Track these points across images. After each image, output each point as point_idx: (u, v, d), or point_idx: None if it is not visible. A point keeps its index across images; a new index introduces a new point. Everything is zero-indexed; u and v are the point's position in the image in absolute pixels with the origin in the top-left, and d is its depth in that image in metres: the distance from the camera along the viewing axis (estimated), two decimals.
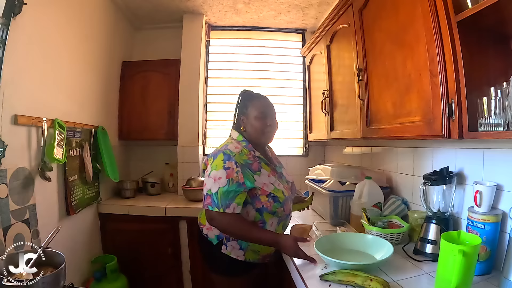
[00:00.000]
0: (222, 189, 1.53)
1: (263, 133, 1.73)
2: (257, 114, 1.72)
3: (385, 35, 1.69)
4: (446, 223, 1.55)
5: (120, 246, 2.89)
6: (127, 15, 3.42)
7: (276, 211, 1.65)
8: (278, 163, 1.94)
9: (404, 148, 2.11)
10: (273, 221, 1.69)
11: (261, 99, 1.81)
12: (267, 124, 1.72)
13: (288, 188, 1.78)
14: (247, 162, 1.64)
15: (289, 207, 1.76)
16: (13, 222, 1.76)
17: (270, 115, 1.75)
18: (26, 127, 1.92)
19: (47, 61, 2.12)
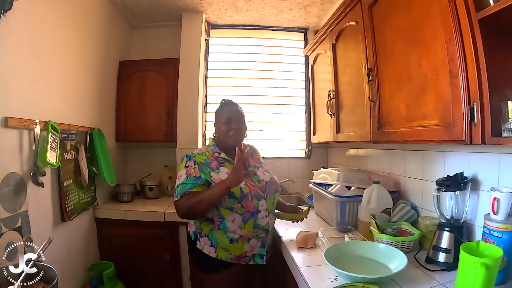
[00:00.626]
0: (181, 183, 1.74)
1: (228, 136, 1.86)
2: (223, 120, 1.88)
3: (398, 33, 1.61)
4: (460, 231, 1.49)
5: (117, 252, 2.81)
6: (123, 13, 3.33)
7: (232, 207, 1.74)
8: (258, 163, 2.05)
9: (413, 151, 2.04)
10: (234, 217, 1.75)
11: (229, 106, 1.99)
12: (231, 128, 1.85)
13: (257, 187, 1.83)
14: (206, 161, 1.82)
15: (252, 204, 1.76)
16: (4, 231, 1.68)
17: (236, 120, 1.88)
18: (17, 129, 1.83)
19: (39, 60, 2.02)
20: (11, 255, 1.67)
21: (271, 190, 1.90)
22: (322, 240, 1.91)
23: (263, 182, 1.89)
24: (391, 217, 1.95)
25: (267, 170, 2.02)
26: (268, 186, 1.89)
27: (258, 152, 2.15)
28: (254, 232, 1.79)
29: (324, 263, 1.45)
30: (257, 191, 1.80)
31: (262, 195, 1.82)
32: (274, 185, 1.95)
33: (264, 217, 1.80)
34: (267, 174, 1.97)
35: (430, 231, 1.67)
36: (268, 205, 1.84)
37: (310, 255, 1.72)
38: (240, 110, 1.98)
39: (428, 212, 1.86)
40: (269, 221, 1.85)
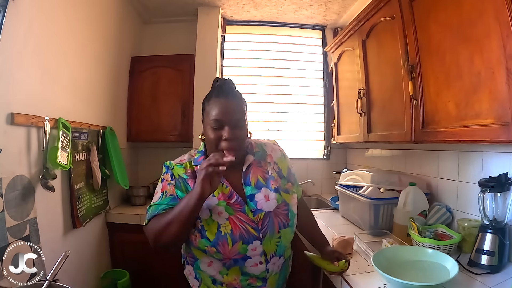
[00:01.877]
0: (154, 203, 1.24)
1: (217, 148, 1.22)
2: (211, 123, 1.22)
3: (444, 29, 1.50)
4: (503, 233, 1.44)
5: (130, 259, 2.69)
6: (136, 7, 3.22)
7: (206, 250, 1.21)
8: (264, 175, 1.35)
9: (447, 152, 1.96)
10: (211, 260, 1.24)
11: (221, 98, 1.25)
12: (223, 136, 1.20)
13: (247, 222, 1.22)
14: (183, 177, 1.28)
15: (234, 250, 1.19)
16: (11, 241, 1.51)
17: (231, 122, 1.22)
18: (25, 127, 1.67)
19: (49, 52, 1.88)
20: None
21: (274, 226, 1.26)
22: (359, 245, 1.82)
23: (260, 214, 1.24)
24: (427, 219, 1.89)
25: (279, 188, 1.33)
26: (270, 221, 1.25)
27: (273, 156, 1.42)
28: (244, 281, 1.25)
29: (370, 270, 1.44)
30: (245, 230, 1.21)
31: (255, 234, 1.21)
32: (283, 217, 1.29)
33: (257, 264, 1.23)
34: (274, 199, 1.29)
35: (469, 233, 1.63)
36: (267, 247, 1.24)
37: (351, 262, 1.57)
38: (240, 104, 1.28)
39: (464, 214, 1.80)
40: (270, 267, 1.27)
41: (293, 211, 1.34)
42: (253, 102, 3.55)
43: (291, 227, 1.32)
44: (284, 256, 1.34)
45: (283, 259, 1.34)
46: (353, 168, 3.31)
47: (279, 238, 1.27)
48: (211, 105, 1.25)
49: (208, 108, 1.26)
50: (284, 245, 1.30)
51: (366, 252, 1.71)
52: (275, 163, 1.40)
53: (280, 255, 1.29)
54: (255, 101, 3.57)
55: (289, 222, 1.30)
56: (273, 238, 1.25)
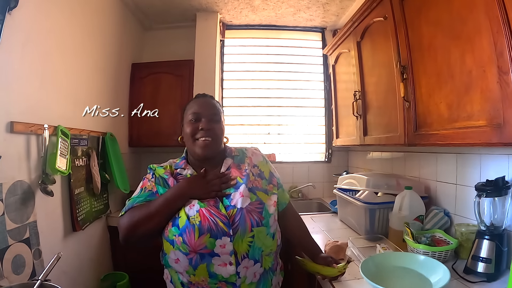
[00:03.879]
0: (132, 197, 1.30)
1: (194, 140, 1.31)
2: (189, 117, 1.34)
3: (435, 27, 1.48)
4: (500, 239, 1.40)
5: (131, 262, 2.70)
6: (136, 14, 3.26)
7: (173, 240, 1.18)
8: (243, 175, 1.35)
9: (445, 154, 1.93)
10: (178, 256, 1.19)
11: (198, 98, 1.42)
12: (199, 128, 1.30)
13: (218, 215, 1.19)
14: (163, 176, 1.34)
15: (199, 242, 1.15)
16: (11, 243, 1.57)
17: (207, 116, 1.32)
18: (24, 135, 1.72)
19: (47, 62, 1.91)
20: (18, 269, 1.59)
21: (246, 223, 1.20)
22: (353, 251, 1.80)
23: (232, 210, 1.22)
24: (424, 224, 1.86)
25: (254, 188, 1.32)
26: (242, 218, 1.20)
27: (253, 159, 1.43)
28: (212, 283, 1.19)
29: (360, 277, 1.35)
30: (214, 224, 1.17)
31: (225, 230, 1.17)
32: (256, 214, 1.24)
33: (226, 265, 1.17)
34: (247, 196, 1.26)
35: (467, 239, 1.59)
36: (238, 246, 1.18)
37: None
38: (216, 104, 1.40)
39: (463, 218, 1.77)
40: (242, 272, 1.19)
41: (268, 210, 1.28)
42: (253, 106, 3.58)
43: (266, 226, 1.24)
44: (262, 264, 1.25)
45: (260, 267, 1.24)
46: (354, 171, 3.31)
47: (252, 238, 1.20)
48: (189, 105, 1.40)
49: (187, 108, 1.40)
50: (258, 247, 1.22)
51: (359, 257, 1.69)
52: (256, 166, 1.41)
53: (254, 259, 1.21)
54: (256, 105, 3.59)
55: (263, 220, 1.23)
56: (245, 237, 1.19)
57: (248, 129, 3.58)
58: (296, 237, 1.57)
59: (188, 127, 1.33)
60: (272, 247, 1.29)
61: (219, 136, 1.35)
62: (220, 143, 1.38)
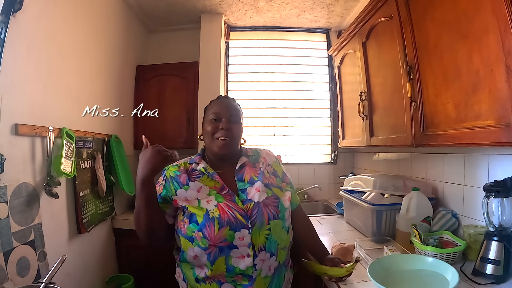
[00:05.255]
0: None
1: (213, 139, 1.36)
2: (210, 117, 1.39)
3: (441, 27, 1.46)
4: (509, 240, 1.37)
5: (136, 265, 2.70)
6: (140, 17, 3.27)
7: (192, 237, 1.22)
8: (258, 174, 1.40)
9: (453, 155, 1.90)
10: (196, 253, 1.22)
11: (219, 99, 1.48)
12: (219, 127, 1.35)
13: (236, 209, 1.25)
14: (176, 174, 1.36)
15: (220, 235, 1.19)
16: (15, 245, 1.56)
17: (227, 117, 1.37)
18: (29, 137, 1.72)
19: (52, 64, 1.92)
20: (23, 271, 1.58)
21: (263, 216, 1.27)
22: (360, 253, 1.78)
23: (250, 204, 1.28)
24: (431, 226, 1.84)
25: (270, 184, 1.39)
26: (259, 211, 1.27)
27: (267, 159, 1.50)
28: (229, 277, 1.24)
29: (368, 279, 1.36)
30: (233, 217, 1.23)
31: (244, 222, 1.22)
32: (273, 208, 1.31)
33: (244, 257, 1.22)
34: (263, 191, 1.33)
35: (475, 240, 1.57)
36: (256, 239, 1.23)
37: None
38: (236, 106, 1.46)
39: (470, 220, 1.74)
40: (259, 264, 1.24)
41: (284, 204, 1.37)
42: (259, 108, 3.57)
43: (282, 219, 1.32)
44: (277, 257, 1.29)
45: (276, 261, 1.29)
46: (360, 172, 3.29)
47: (269, 230, 1.27)
48: (211, 105, 1.46)
49: (209, 108, 1.46)
50: (274, 240, 1.27)
51: (366, 260, 1.67)
52: (270, 165, 1.50)
53: (270, 252, 1.26)
54: (261, 106, 3.58)
55: (279, 213, 1.31)
56: (263, 229, 1.25)
57: (253, 131, 3.56)
58: (305, 237, 1.57)
59: (208, 125, 1.38)
60: (286, 242, 1.36)
61: (237, 137, 1.41)
62: (238, 143, 1.44)
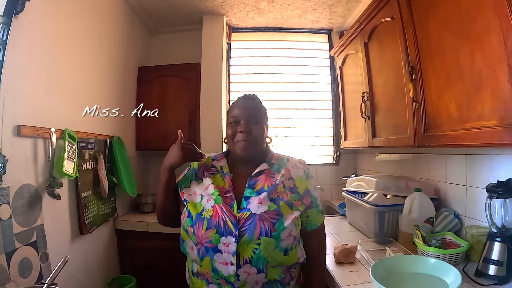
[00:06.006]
0: None
1: (234, 142, 1.37)
2: (230, 120, 1.40)
3: (443, 27, 1.46)
4: None
5: (138, 266, 2.71)
6: (142, 18, 3.27)
7: (187, 230, 1.27)
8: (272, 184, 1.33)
9: (455, 155, 1.90)
10: (192, 245, 1.27)
11: (239, 100, 1.46)
12: (238, 130, 1.35)
13: (229, 215, 1.23)
14: (198, 167, 1.47)
15: (205, 236, 1.21)
16: (18, 246, 1.57)
17: (246, 119, 1.36)
18: (31, 138, 1.73)
19: (54, 66, 1.92)
20: (25, 272, 1.59)
21: (255, 230, 1.20)
22: (362, 254, 1.78)
23: (245, 213, 1.24)
24: (434, 227, 1.83)
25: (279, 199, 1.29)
26: (252, 223, 1.21)
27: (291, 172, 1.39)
28: (214, 278, 1.23)
29: (370, 280, 1.35)
30: (223, 221, 1.22)
31: (232, 230, 1.20)
32: (268, 224, 1.21)
33: (227, 264, 1.19)
34: (265, 205, 1.25)
35: (478, 241, 1.57)
36: (242, 250, 1.19)
37: (351, 272, 1.60)
38: (257, 106, 1.43)
39: (473, 220, 1.74)
40: (242, 275, 1.20)
41: (284, 223, 1.23)
42: None
43: (276, 239, 1.20)
44: (267, 275, 1.23)
45: (265, 278, 1.23)
46: (362, 173, 3.27)
47: (258, 246, 1.19)
48: (231, 108, 1.45)
49: (229, 111, 1.45)
50: (263, 257, 1.19)
51: (368, 261, 1.67)
52: (291, 179, 1.37)
53: (257, 267, 1.20)
54: None
55: (273, 232, 1.20)
56: (251, 243, 1.19)
57: None
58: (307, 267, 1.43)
59: (229, 129, 1.39)
60: (283, 261, 1.26)
61: (257, 138, 1.37)
62: (259, 144, 1.40)
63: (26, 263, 1.61)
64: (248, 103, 1.42)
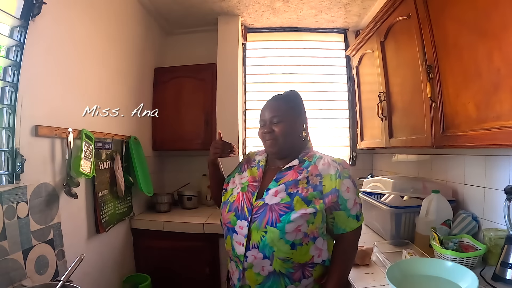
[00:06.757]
0: None
1: (263, 142, 1.50)
2: (260, 123, 1.52)
3: (460, 25, 1.43)
4: None
5: (153, 265, 2.73)
6: (158, 20, 3.31)
7: (221, 212, 1.47)
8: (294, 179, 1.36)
9: (473, 156, 1.85)
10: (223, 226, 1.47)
11: (268, 101, 1.54)
12: (262, 131, 1.47)
13: (246, 201, 1.36)
14: (243, 162, 1.64)
15: (227, 217, 1.38)
16: (34, 244, 1.61)
17: (269, 119, 1.45)
18: (49, 138, 1.76)
19: (70, 67, 1.96)
20: (41, 269, 1.62)
21: (263, 219, 1.28)
22: (378, 256, 1.76)
23: (260, 202, 1.33)
24: (451, 229, 1.80)
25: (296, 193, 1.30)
26: (263, 212, 1.30)
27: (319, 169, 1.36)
28: (233, 256, 1.36)
29: (385, 283, 1.37)
30: (240, 207, 1.36)
31: (245, 216, 1.32)
32: (276, 214, 1.27)
33: (239, 244, 1.31)
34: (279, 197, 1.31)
35: (496, 244, 1.53)
36: (253, 235, 1.29)
37: (367, 274, 1.59)
38: (279, 105, 1.46)
39: (491, 223, 1.70)
40: (250, 258, 1.29)
41: (291, 217, 1.25)
42: None
43: (280, 230, 1.24)
44: (272, 263, 1.27)
45: (270, 265, 1.27)
46: (378, 174, 3.23)
47: (265, 234, 1.26)
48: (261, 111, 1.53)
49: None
50: (269, 246, 1.25)
51: (384, 263, 1.64)
52: (319, 176, 1.35)
53: (263, 254, 1.26)
54: None
55: (278, 222, 1.24)
56: (260, 230, 1.28)
57: None
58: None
59: (259, 131, 1.51)
60: (290, 255, 1.27)
61: (283, 135, 1.41)
62: (286, 141, 1.42)
63: (42, 260, 1.64)
64: (271, 105, 1.49)
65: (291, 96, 1.54)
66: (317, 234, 1.31)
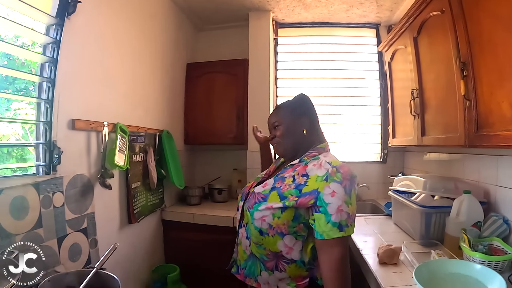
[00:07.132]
0: None
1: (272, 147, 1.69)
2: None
3: (495, 20, 1.37)
4: None
5: (182, 256, 2.80)
6: (190, 17, 3.37)
7: None
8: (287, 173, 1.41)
9: (508, 157, 1.76)
10: None
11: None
12: (270, 138, 1.61)
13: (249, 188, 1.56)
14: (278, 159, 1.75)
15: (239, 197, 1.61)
16: (69, 232, 1.69)
17: (272, 126, 1.59)
18: (85, 132, 1.85)
19: (105, 63, 2.04)
20: (74, 256, 1.70)
21: (249, 203, 1.40)
22: (406, 256, 1.73)
23: (252, 190, 1.47)
24: (482, 231, 1.72)
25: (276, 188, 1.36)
26: (250, 198, 1.44)
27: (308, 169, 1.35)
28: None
29: (412, 283, 1.36)
30: (244, 192, 1.55)
31: (243, 198, 1.54)
32: (252, 202, 1.39)
33: (237, 221, 1.53)
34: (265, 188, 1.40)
35: None
36: (245, 216, 1.43)
37: (394, 273, 1.57)
38: (275, 113, 1.58)
39: None
40: (240, 234, 1.47)
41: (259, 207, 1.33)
42: None
43: (251, 215, 1.36)
44: (251, 246, 1.40)
45: (249, 246, 1.41)
46: (409, 172, 3.14)
47: (254, 219, 1.36)
48: None
49: None
50: (248, 227, 1.40)
51: (412, 263, 1.62)
52: (305, 176, 1.34)
53: (247, 233, 1.41)
54: None
55: (251, 208, 1.38)
56: (246, 212, 1.43)
57: None
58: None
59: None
60: (261, 241, 1.35)
61: (283, 138, 1.51)
62: (285, 142, 1.52)
63: (76, 248, 1.72)
64: (272, 112, 1.64)
65: (292, 100, 1.61)
66: (285, 231, 1.29)
